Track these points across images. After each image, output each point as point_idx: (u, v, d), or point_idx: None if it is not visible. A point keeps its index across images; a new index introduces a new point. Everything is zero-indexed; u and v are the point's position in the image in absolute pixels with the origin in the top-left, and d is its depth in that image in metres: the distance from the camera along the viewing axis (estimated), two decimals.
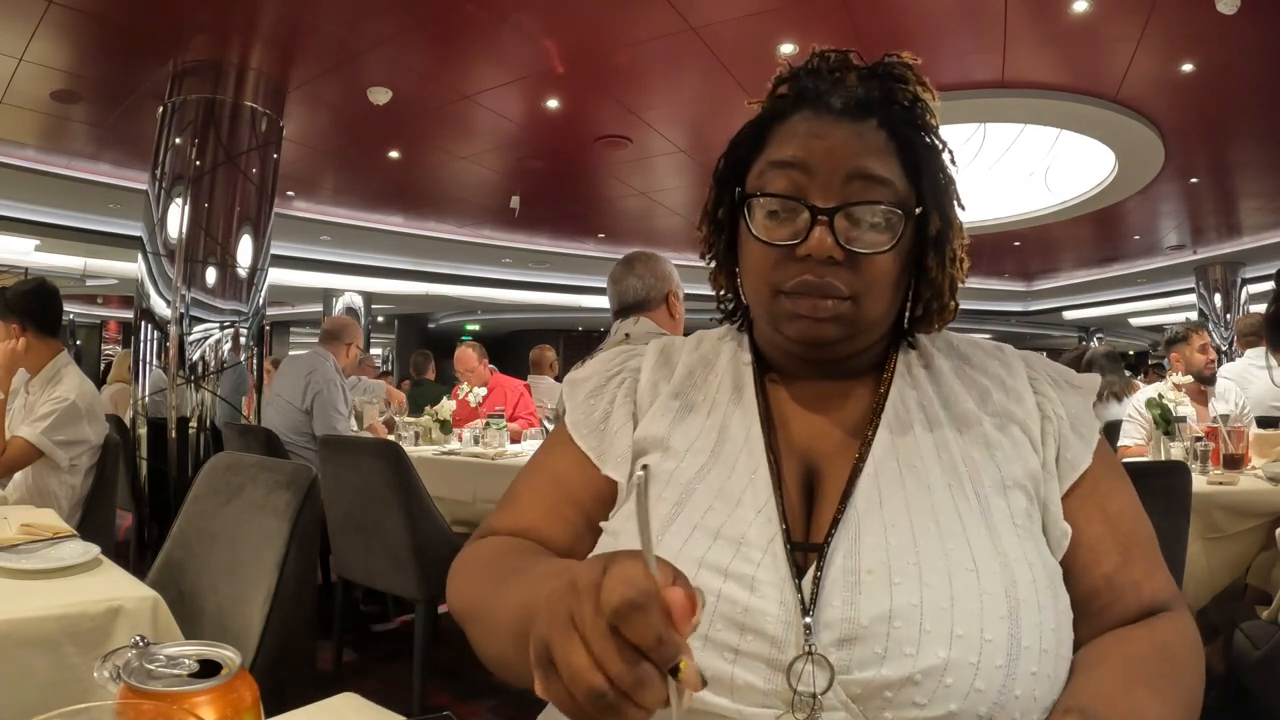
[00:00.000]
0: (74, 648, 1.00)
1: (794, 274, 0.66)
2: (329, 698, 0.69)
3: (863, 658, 0.55)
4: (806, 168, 0.66)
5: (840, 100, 0.68)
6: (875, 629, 0.55)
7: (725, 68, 4.50)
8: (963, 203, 0.72)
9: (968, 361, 0.73)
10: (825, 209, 0.65)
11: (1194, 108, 5.13)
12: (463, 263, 10.78)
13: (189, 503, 1.50)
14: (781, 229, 0.67)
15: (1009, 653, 0.55)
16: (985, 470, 0.64)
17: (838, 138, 0.67)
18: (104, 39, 4.22)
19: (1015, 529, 0.61)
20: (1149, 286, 11.68)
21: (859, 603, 0.56)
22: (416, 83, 4.83)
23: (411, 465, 2.49)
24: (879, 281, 0.66)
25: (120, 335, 15.75)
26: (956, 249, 0.71)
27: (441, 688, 2.69)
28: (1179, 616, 0.65)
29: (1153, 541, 0.69)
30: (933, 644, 0.54)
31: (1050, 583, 0.60)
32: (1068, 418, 0.69)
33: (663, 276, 2.26)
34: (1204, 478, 2.31)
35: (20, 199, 7.41)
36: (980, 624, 0.55)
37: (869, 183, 0.65)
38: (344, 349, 3.94)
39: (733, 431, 0.69)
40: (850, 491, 0.63)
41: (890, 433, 0.67)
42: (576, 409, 0.78)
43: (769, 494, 0.63)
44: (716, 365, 0.77)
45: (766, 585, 0.58)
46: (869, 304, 0.66)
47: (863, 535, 0.60)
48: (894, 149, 0.67)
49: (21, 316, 2.27)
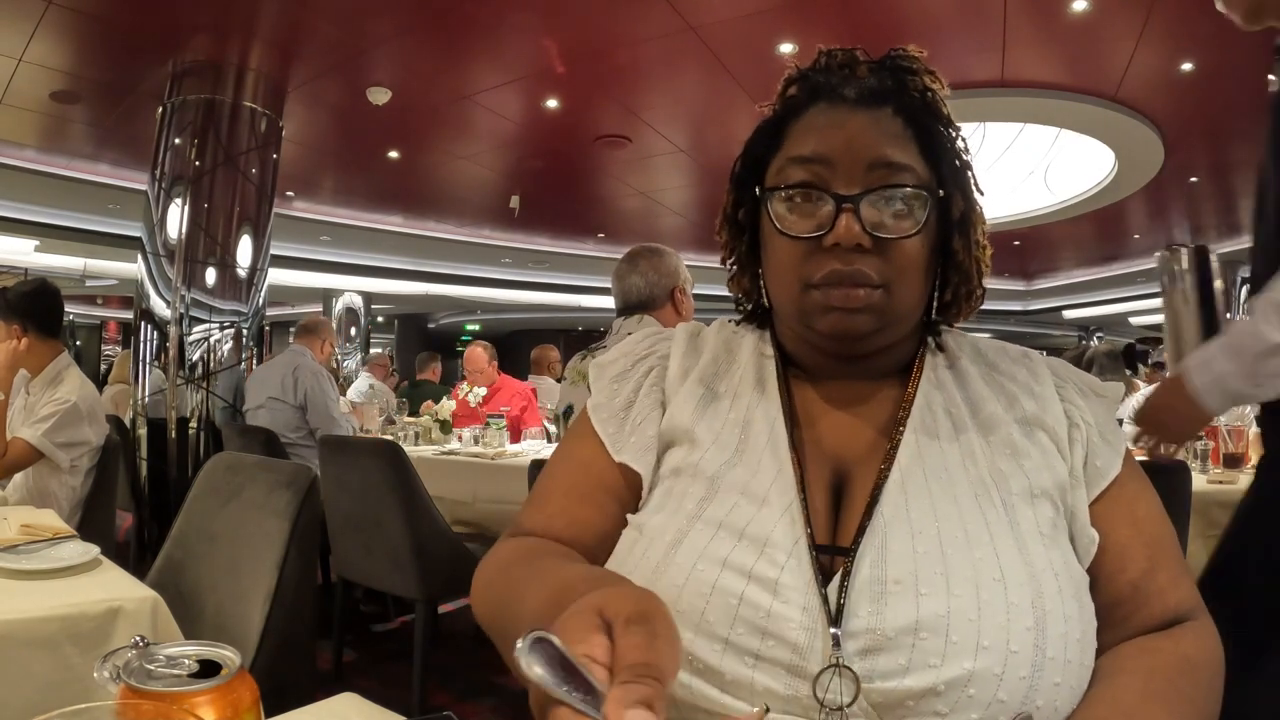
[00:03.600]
0: (74, 648, 1.00)
1: (823, 266, 0.65)
2: (329, 698, 0.69)
3: (886, 668, 0.54)
4: (827, 160, 0.66)
5: (854, 91, 0.68)
6: (901, 640, 0.54)
7: (725, 68, 4.50)
8: (981, 189, 0.72)
9: (995, 367, 0.73)
10: (850, 196, 0.64)
11: (1194, 108, 5.13)
12: (463, 263, 10.78)
13: (189, 503, 1.50)
14: (806, 222, 0.66)
15: (1034, 664, 0.54)
16: (1013, 478, 0.64)
17: (855, 127, 0.66)
18: (104, 39, 4.22)
19: (1042, 538, 0.61)
20: (1149, 286, 11.67)
21: (885, 613, 0.56)
22: (416, 83, 4.83)
23: (411, 465, 2.49)
24: (909, 267, 0.66)
25: (120, 336, 15.75)
26: (980, 234, 0.71)
27: (441, 688, 2.69)
28: (1202, 627, 0.64)
29: (1177, 547, 0.68)
30: (958, 655, 0.54)
31: (1076, 592, 0.59)
32: (1096, 425, 0.69)
33: (668, 273, 2.18)
34: (1204, 477, 2.31)
35: (20, 199, 7.41)
36: (1006, 635, 0.54)
37: (891, 170, 0.65)
38: (320, 344, 3.96)
39: (757, 427, 0.69)
40: (877, 497, 0.62)
41: (917, 438, 0.66)
42: (600, 392, 0.77)
43: (794, 495, 0.63)
44: (739, 355, 0.76)
45: (790, 590, 0.57)
46: (900, 292, 0.66)
47: (890, 543, 0.59)
48: (912, 135, 0.67)
49: (22, 317, 2.27)
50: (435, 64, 4.60)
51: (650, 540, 0.64)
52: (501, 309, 14.45)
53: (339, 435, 3.40)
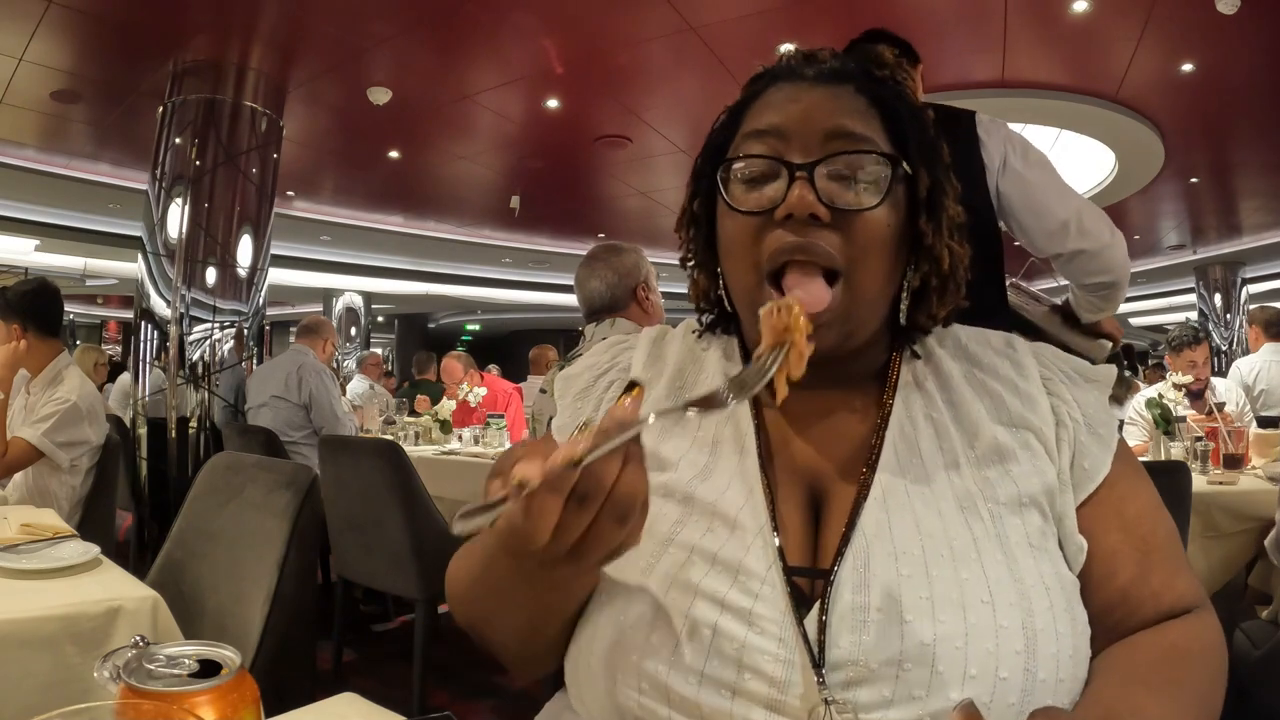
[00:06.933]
0: (74, 648, 1.00)
1: (776, 241, 0.61)
2: (329, 698, 0.69)
3: (869, 701, 0.52)
4: (782, 132, 0.62)
5: (814, 70, 0.66)
6: (884, 672, 0.52)
7: (725, 68, 4.50)
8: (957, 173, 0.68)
9: (978, 364, 0.68)
10: (804, 164, 0.60)
11: (1194, 108, 5.13)
12: (463, 263, 10.78)
13: (189, 503, 1.50)
14: (758, 196, 0.62)
15: (1023, 689, 0.52)
16: (1000, 486, 0.60)
17: (813, 100, 0.63)
18: (104, 39, 4.23)
19: (1031, 550, 0.58)
20: (1149, 286, 11.67)
21: (868, 644, 0.52)
22: (416, 83, 4.83)
23: (411, 465, 2.49)
24: (871, 246, 0.61)
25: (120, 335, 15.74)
26: (952, 220, 0.67)
27: (441, 688, 2.69)
28: (1196, 617, 0.62)
29: (1174, 542, 0.65)
30: (944, 686, 0.51)
31: (1068, 605, 0.57)
32: (1084, 420, 0.65)
33: (626, 271, 2.06)
34: (1204, 478, 2.31)
35: (20, 199, 7.41)
36: (995, 662, 0.52)
37: (850, 140, 0.62)
38: (322, 344, 3.97)
39: (725, 446, 0.65)
40: (857, 515, 0.58)
41: (897, 449, 0.62)
42: (563, 412, 0.74)
43: (766, 517, 0.59)
44: (706, 364, 0.72)
45: (765, 621, 0.54)
46: (862, 276, 0.61)
47: (871, 564, 0.56)
48: (876, 113, 0.64)
49: (22, 317, 2.27)
50: (435, 64, 4.60)
51: (622, 564, 0.59)
52: (501, 309, 14.44)
53: (340, 435, 3.40)
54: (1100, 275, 1.68)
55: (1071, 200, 1.66)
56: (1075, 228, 1.63)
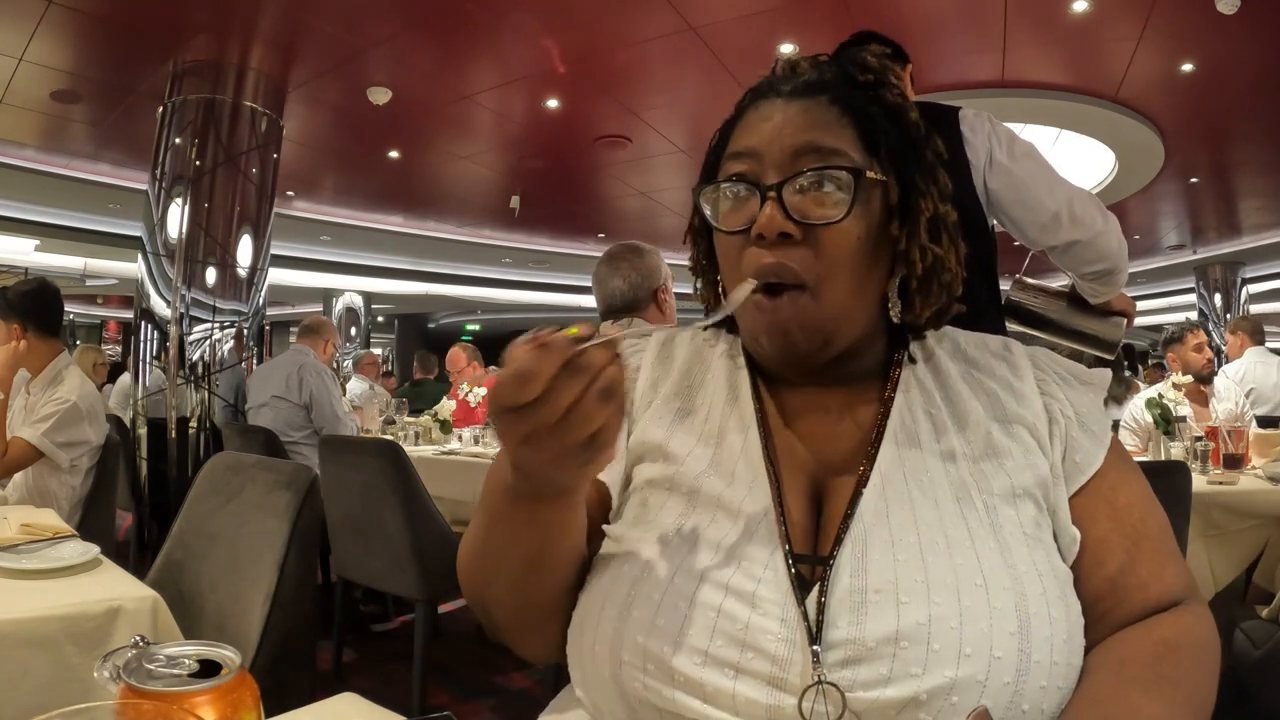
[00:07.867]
0: (74, 648, 1.00)
1: (753, 260, 0.64)
2: (329, 698, 0.69)
3: (868, 679, 0.54)
4: (756, 153, 0.66)
5: (790, 85, 0.69)
6: (881, 650, 0.54)
7: (725, 68, 4.50)
8: (946, 179, 0.70)
9: (975, 364, 0.72)
10: (773, 185, 0.64)
11: (1194, 108, 5.13)
12: (463, 263, 10.79)
13: (189, 503, 1.50)
14: (738, 216, 0.66)
15: (1018, 669, 0.54)
16: (995, 479, 0.63)
17: (784, 117, 0.66)
18: (104, 39, 4.23)
19: (1025, 539, 0.60)
20: (1149, 286, 11.67)
21: (865, 623, 0.55)
22: (416, 83, 4.84)
23: (411, 465, 2.49)
24: (840, 258, 0.64)
25: (120, 335, 15.75)
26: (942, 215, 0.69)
27: (441, 688, 2.69)
28: (1186, 610, 0.63)
29: (1165, 533, 0.66)
30: (940, 664, 0.53)
31: (1061, 593, 0.59)
32: (1076, 417, 0.68)
33: (649, 272, 2.09)
34: (1204, 478, 2.31)
35: (20, 199, 7.42)
36: (990, 642, 0.54)
37: (818, 155, 0.64)
38: (322, 344, 3.96)
39: (730, 438, 0.68)
40: (855, 505, 0.61)
41: (896, 444, 0.65)
42: None
43: (769, 506, 0.62)
44: (711, 363, 0.76)
45: (768, 603, 0.57)
46: (831, 290, 0.64)
47: (869, 551, 0.58)
48: (848, 121, 0.66)
49: (22, 317, 2.27)
50: (435, 64, 4.60)
51: (628, 553, 0.63)
52: (501, 309, 14.45)
53: (340, 435, 3.40)
54: (1097, 263, 1.67)
55: (1060, 190, 1.64)
56: (1067, 217, 1.62)
